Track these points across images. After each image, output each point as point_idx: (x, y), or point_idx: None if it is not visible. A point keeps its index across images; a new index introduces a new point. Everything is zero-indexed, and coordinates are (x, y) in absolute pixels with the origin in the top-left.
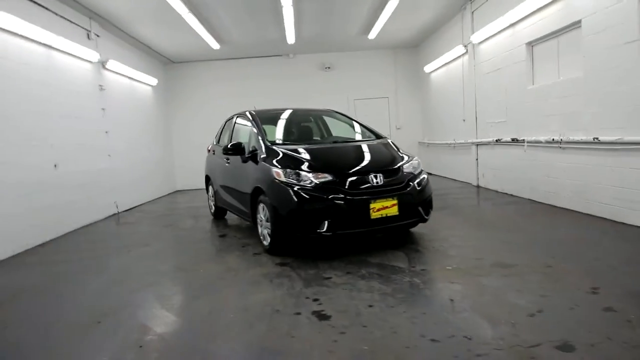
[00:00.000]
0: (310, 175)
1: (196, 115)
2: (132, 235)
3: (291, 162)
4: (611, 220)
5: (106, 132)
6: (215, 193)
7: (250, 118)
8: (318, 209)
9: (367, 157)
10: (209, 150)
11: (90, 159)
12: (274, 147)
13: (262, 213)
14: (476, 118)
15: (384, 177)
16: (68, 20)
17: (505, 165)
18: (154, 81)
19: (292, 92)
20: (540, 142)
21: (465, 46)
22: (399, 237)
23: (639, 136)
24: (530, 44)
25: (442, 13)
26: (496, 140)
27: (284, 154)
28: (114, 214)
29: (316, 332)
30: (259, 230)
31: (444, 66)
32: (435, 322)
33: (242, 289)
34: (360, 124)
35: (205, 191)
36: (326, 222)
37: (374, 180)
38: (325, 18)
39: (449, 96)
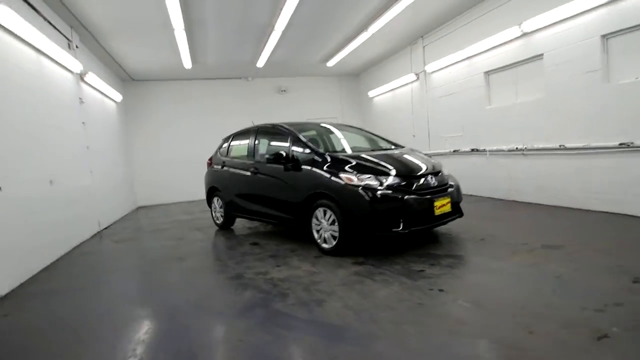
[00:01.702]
0: (382, 178)
1: (160, 131)
2: (152, 252)
3: (361, 168)
4: (577, 209)
5: (87, 147)
6: (228, 204)
7: (289, 129)
8: (394, 208)
9: (417, 162)
10: (209, 164)
11: (76, 174)
12: (336, 155)
13: (325, 217)
14: (429, 134)
15: (436, 179)
16: (54, 26)
17: (464, 171)
18: (119, 97)
19: (251, 111)
20: (503, 150)
21: (416, 74)
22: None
23: (601, 142)
24: (488, 73)
25: (391, 47)
26: (454, 151)
27: (352, 160)
28: (97, 233)
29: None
30: (316, 235)
31: (391, 91)
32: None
33: (359, 289)
34: (379, 136)
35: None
36: (401, 221)
37: (432, 182)
38: (300, 45)
39: (397, 116)
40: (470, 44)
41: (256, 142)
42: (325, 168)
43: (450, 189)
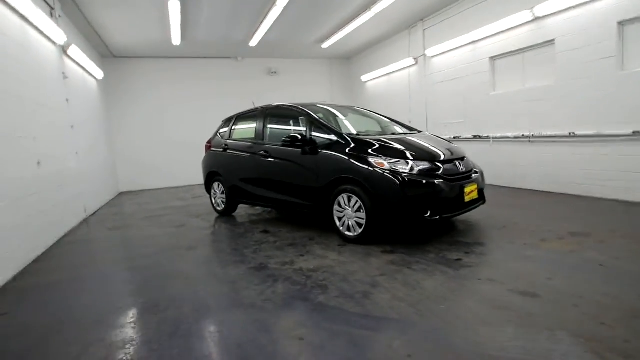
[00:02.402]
0: (413, 163)
1: (144, 112)
2: (155, 241)
3: (390, 152)
4: (583, 196)
5: (72, 126)
6: (231, 189)
7: (305, 110)
8: (427, 194)
9: (443, 147)
10: (208, 147)
11: (63, 156)
12: (361, 138)
13: (349, 203)
14: (427, 119)
15: (462, 164)
16: None
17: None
18: (100, 74)
19: (241, 92)
20: (508, 137)
21: (415, 58)
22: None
23: (612, 131)
24: (493, 58)
25: (388, 30)
26: (454, 137)
27: (378, 143)
28: (84, 220)
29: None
30: (338, 222)
31: (386, 75)
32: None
33: (401, 279)
34: (393, 119)
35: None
36: (433, 207)
37: (460, 167)
38: (298, 23)
39: (392, 100)
40: (475, 28)
41: (265, 123)
42: (349, 151)
43: (475, 175)
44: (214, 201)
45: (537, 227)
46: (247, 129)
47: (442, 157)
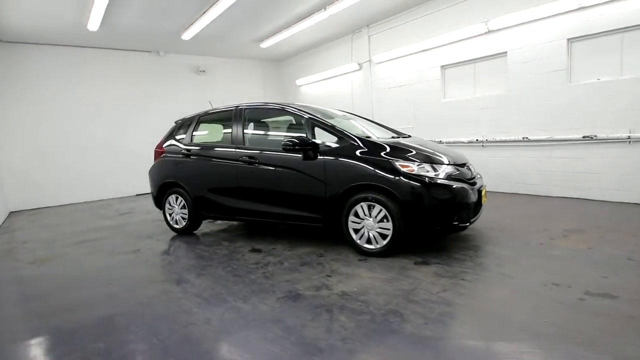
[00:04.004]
0: (437, 167)
1: (41, 112)
2: (116, 274)
3: (412, 155)
4: (537, 195)
5: None
6: (198, 202)
7: (305, 111)
8: (460, 199)
9: (453, 150)
10: (160, 153)
11: None
12: (376, 141)
13: (370, 213)
14: None
15: (472, 167)
16: None
17: None
18: None
19: (165, 91)
20: (462, 142)
21: (359, 64)
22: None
23: (564, 136)
24: (444, 67)
25: (328, 35)
26: None
27: (397, 147)
28: None
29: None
30: (354, 235)
31: (325, 80)
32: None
33: (468, 294)
34: (379, 123)
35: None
36: (461, 214)
37: (472, 171)
38: (244, 18)
39: (332, 106)
40: (427, 37)
41: (245, 126)
42: (365, 155)
43: (479, 178)
44: (169, 218)
45: (532, 226)
46: (217, 132)
47: (459, 162)
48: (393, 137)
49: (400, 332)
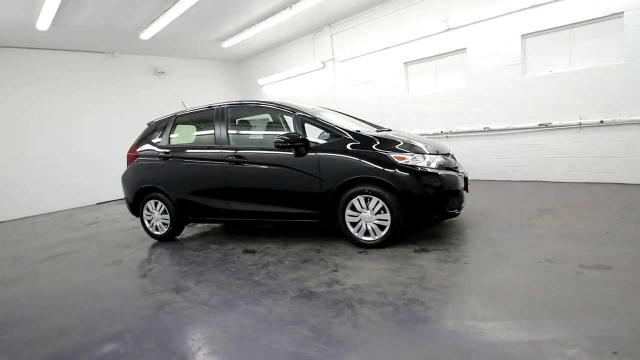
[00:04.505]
0: (429, 157)
1: None
2: (108, 288)
3: (403, 146)
4: (499, 180)
5: None
6: (180, 206)
7: (294, 107)
8: (452, 188)
9: (435, 141)
10: (134, 157)
11: None
12: (367, 134)
13: (367, 206)
14: None
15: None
16: None
17: None
18: None
19: (121, 93)
20: (427, 134)
21: (323, 62)
22: None
23: (522, 124)
24: (407, 64)
25: (291, 34)
26: None
27: (388, 139)
28: None
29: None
30: (351, 228)
31: (288, 79)
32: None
33: (481, 279)
34: (357, 117)
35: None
36: (454, 200)
37: (455, 160)
38: (206, 16)
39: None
40: (389, 35)
41: (228, 125)
42: (358, 149)
43: (460, 166)
44: (148, 224)
45: (507, 209)
46: (196, 132)
47: (444, 151)
48: (377, 131)
49: (428, 320)
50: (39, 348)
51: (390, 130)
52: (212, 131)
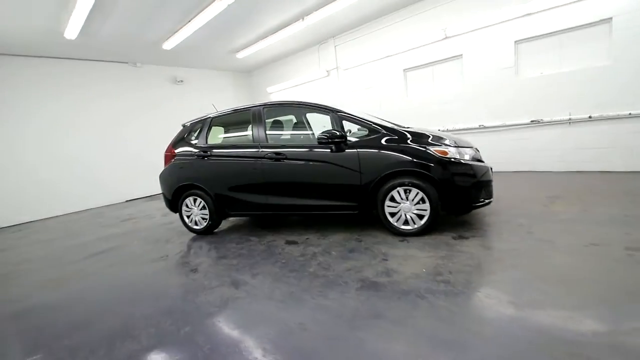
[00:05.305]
0: (466, 149)
1: (17, 127)
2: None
3: (445, 141)
4: (496, 171)
5: None
6: (219, 201)
7: (328, 107)
8: (486, 178)
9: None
10: (171, 157)
11: None
12: (402, 130)
13: (407, 197)
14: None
15: None
16: None
17: None
18: None
19: (141, 102)
20: None
21: (327, 71)
22: None
23: (514, 121)
24: (406, 70)
25: (297, 46)
26: None
27: (422, 134)
28: None
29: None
30: (390, 218)
31: (295, 87)
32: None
33: (536, 262)
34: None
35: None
36: (487, 189)
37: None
38: (225, 27)
39: None
40: (390, 45)
41: (266, 124)
42: (398, 144)
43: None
44: (188, 220)
45: (518, 197)
46: (237, 131)
47: (470, 145)
48: (401, 127)
49: (519, 312)
50: (106, 355)
51: (409, 127)
52: (249, 130)
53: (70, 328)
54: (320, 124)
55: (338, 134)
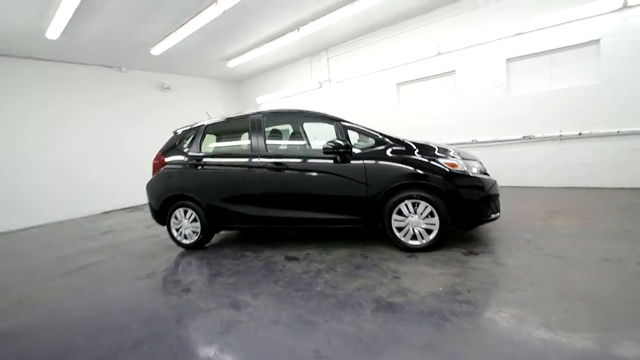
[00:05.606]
0: (472, 162)
1: None
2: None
3: (453, 154)
4: None
5: None
6: (212, 213)
7: (332, 116)
8: (495, 192)
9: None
10: (160, 165)
11: None
12: (411, 142)
13: (415, 210)
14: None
15: None
16: None
17: None
18: None
19: (125, 109)
20: None
21: (320, 82)
22: None
23: (507, 137)
24: (399, 84)
25: (289, 57)
26: None
27: (429, 146)
28: None
29: None
30: (397, 232)
31: (286, 98)
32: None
33: (555, 280)
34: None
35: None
36: (496, 203)
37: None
38: (219, 34)
39: None
40: (384, 59)
41: (265, 133)
42: (408, 156)
43: None
44: (177, 233)
45: (517, 212)
46: (233, 139)
47: (475, 158)
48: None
49: (546, 327)
50: None
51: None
52: (247, 139)
53: (48, 358)
54: (317, 133)
55: (344, 144)
